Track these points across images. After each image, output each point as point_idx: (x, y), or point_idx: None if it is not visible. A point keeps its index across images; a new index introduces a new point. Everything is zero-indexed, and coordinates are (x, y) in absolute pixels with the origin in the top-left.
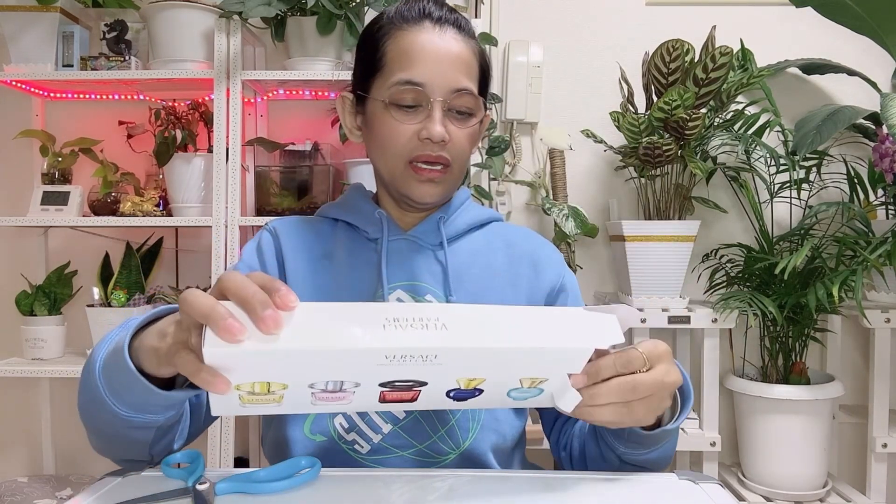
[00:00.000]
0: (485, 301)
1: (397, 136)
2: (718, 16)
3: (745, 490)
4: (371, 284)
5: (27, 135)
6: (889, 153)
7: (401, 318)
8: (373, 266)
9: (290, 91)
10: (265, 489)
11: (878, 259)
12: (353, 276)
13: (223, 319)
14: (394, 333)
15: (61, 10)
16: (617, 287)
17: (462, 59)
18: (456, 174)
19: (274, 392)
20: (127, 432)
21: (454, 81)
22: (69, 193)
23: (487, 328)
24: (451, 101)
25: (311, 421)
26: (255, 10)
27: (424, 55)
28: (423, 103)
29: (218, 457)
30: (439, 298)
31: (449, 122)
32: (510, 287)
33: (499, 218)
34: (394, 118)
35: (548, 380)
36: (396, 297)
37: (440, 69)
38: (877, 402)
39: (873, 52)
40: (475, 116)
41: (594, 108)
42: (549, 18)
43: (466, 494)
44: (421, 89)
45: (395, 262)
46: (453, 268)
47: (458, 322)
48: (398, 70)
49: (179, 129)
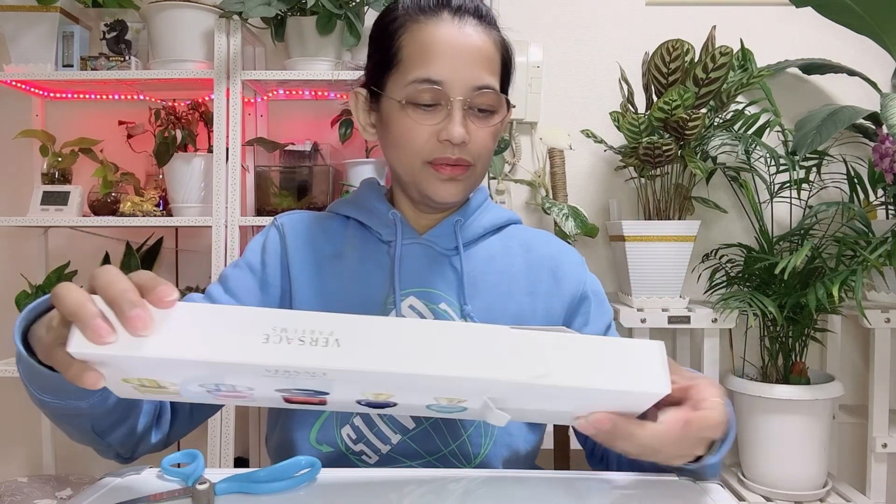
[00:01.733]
0: (502, 310)
1: (415, 136)
2: (718, 16)
3: (745, 490)
4: (382, 289)
5: (27, 135)
6: (889, 153)
7: (290, 328)
8: (385, 270)
9: (290, 91)
10: (265, 489)
11: (878, 259)
12: (364, 280)
13: (91, 319)
14: (274, 348)
15: (61, 10)
16: (617, 287)
17: (483, 52)
18: (479, 173)
19: (165, 387)
20: (62, 420)
21: (475, 79)
22: (69, 193)
23: (397, 347)
24: (471, 100)
25: (316, 430)
26: (255, 10)
27: (443, 51)
28: (443, 102)
29: (218, 457)
30: (453, 307)
31: (470, 122)
32: (527, 295)
33: (517, 220)
34: (411, 118)
35: (466, 400)
36: (409, 304)
37: (460, 65)
38: (877, 402)
39: (873, 52)
40: (497, 114)
41: (594, 108)
42: (549, 18)
43: (472, 496)
44: (440, 88)
45: (408, 268)
46: (469, 275)
47: (357, 338)
48: (415, 67)
49: (179, 129)
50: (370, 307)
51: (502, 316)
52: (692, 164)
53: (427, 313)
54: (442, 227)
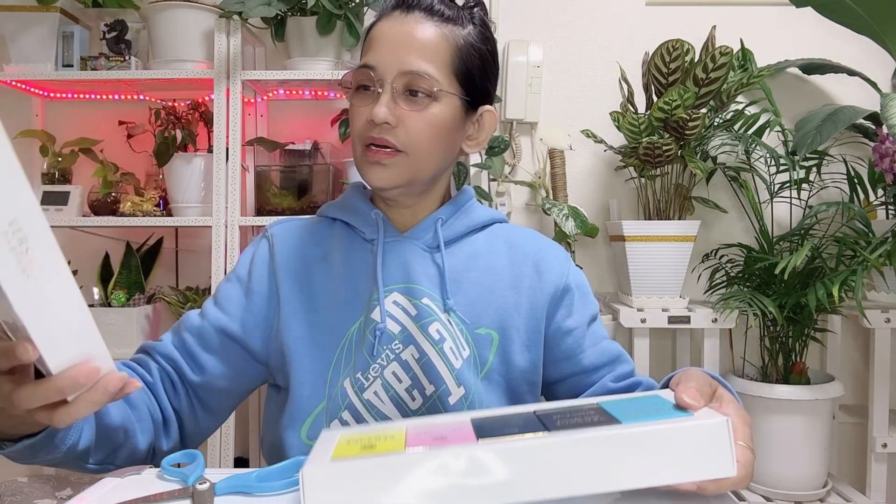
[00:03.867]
0: (485, 303)
1: (355, 120)
2: (718, 16)
3: (745, 490)
4: (368, 286)
5: (27, 135)
6: (889, 153)
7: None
8: (369, 268)
9: (290, 91)
10: (265, 489)
11: (878, 259)
12: (349, 279)
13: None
14: None
15: (61, 10)
16: (617, 287)
17: (421, 41)
18: (414, 162)
19: None
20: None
21: (405, 63)
22: (69, 193)
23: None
24: (399, 82)
25: (307, 426)
26: (255, 10)
27: (381, 40)
28: (376, 87)
29: (218, 457)
30: (436, 302)
31: (400, 105)
32: (511, 289)
33: (502, 219)
34: (353, 104)
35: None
36: (392, 299)
37: (392, 51)
38: (877, 402)
39: (873, 53)
40: (434, 100)
41: (594, 108)
42: (549, 18)
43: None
44: (371, 73)
45: (390, 264)
46: (452, 270)
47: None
48: (363, 56)
49: (179, 129)
50: (356, 305)
51: (485, 310)
52: (692, 164)
53: (410, 308)
54: (423, 225)
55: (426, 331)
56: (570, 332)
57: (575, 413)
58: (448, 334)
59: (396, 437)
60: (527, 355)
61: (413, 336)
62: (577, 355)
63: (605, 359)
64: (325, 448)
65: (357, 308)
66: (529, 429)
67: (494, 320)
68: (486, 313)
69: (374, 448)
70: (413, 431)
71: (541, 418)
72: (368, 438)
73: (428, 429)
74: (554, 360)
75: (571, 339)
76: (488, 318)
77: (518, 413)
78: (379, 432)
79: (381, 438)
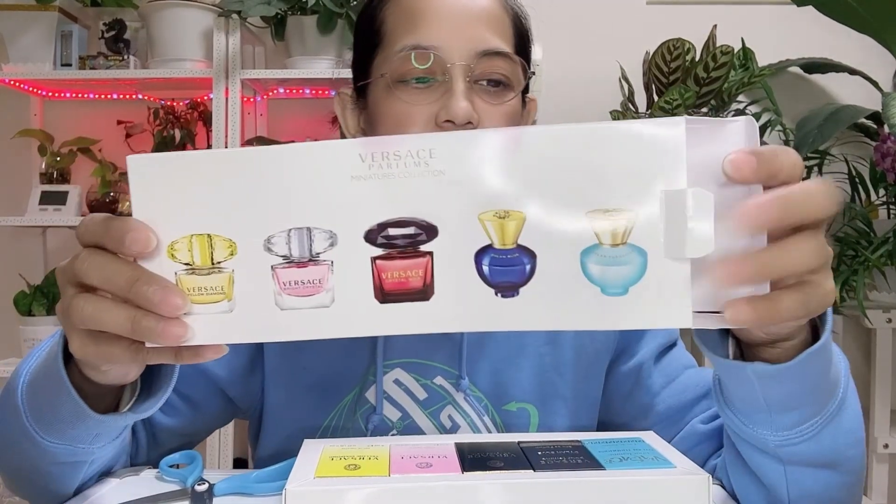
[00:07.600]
0: (512, 368)
1: (408, 123)
2: (719, 15)
3: None
4: (365, 354)
5: (25, 134)
6: (891, 152)
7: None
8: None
9: (291, 90)
10: (264, 490)
11: (879, 259)
12: (343, 343)
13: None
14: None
15: (60, 10)
16: None
17: (488, 11)
18: None
19: (221, 266)
20: (52, 469)
21: (480, 41)
22: (68, 193)
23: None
24: (477, 67)
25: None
26: (254, 9)
27: (435, 11)
28: (439, 75)
29: (217, 457)
30: (451, 379)
31: (477, 98)
32: (549, 344)
33: None
34: (400, 100)
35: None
36: (394, 377)
37: (458, 25)
38: (878, 402)
39: (875, 52)
40: (513, 90)
41: (594, 107)
42: (549, 18)
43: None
44: (434, 54)
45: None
46: (471, 336)
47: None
48: (402, 36)
49: (178, 129)
50: (346, 382)
51: (514, 378)
52: None
53: (418, 391)
54: None
55: (437, 419)
56: (631, 375)
57: (559, 451)
58: (464, 419)
59: (381, 459)
60: (580, 423)
61: (417, 424)
62: (648, 402)
63: (691, 396)
64: (309, 461)
65: (347, 386)
66: (514, 465)
67: (529, 390)
68: (517, 382)
69: (359, 469)
70: (397, 453)
71: (525, 453)
72: (352, 456)
73: (412, 451)
74: (622, 411)
75: (634, 382)
76: (520, 388)
77: (502, 442)
78: (363, 449)
79: (364, 458)
